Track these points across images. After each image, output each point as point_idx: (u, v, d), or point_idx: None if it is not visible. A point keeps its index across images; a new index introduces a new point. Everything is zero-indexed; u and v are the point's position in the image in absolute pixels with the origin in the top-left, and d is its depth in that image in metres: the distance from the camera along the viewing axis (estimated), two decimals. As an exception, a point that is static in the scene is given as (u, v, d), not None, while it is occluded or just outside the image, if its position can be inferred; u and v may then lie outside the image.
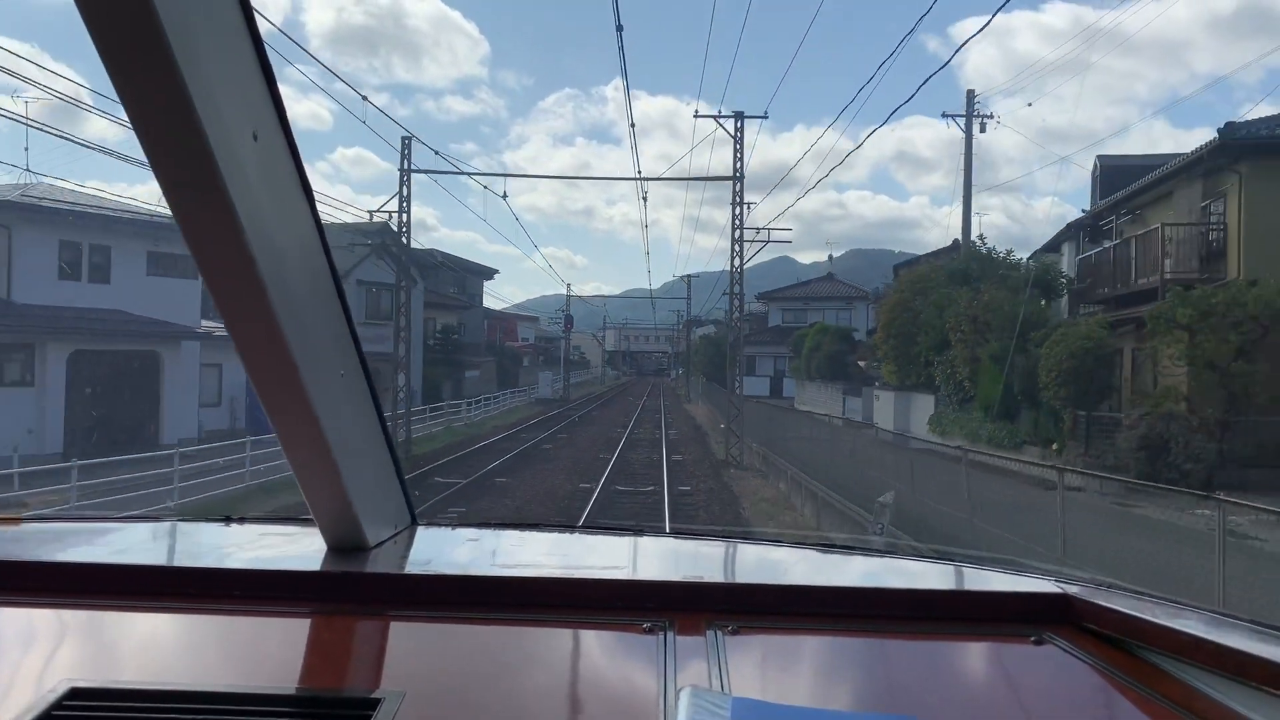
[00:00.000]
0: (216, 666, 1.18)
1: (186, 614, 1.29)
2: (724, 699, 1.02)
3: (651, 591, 1.36)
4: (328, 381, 1.26)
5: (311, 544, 1.48)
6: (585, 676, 1.19)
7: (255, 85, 1.07)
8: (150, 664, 1.18)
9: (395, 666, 1.17)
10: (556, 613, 1.30)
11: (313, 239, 1.23)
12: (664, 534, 2.00)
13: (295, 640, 1.26)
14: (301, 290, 1.18)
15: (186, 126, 0.93)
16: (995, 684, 1.22)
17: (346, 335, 1.34)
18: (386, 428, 1.52)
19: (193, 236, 1.04)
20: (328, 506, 1.40)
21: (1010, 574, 1.52)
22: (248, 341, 1.15)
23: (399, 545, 1.55)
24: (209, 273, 1.08)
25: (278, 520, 1.74)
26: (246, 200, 1.02)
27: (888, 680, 1.22)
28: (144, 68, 0.90)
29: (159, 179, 1.00)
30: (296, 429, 1.25)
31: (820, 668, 1.26)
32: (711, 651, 1.19)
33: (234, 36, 1.03)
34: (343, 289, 1.32)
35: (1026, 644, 1.26)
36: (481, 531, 1.75)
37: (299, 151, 1.17)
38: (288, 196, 1.17)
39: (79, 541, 1.67)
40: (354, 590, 1.35)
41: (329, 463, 1.29)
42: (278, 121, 1.11)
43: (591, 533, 2.05)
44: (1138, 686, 1.12)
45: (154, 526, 1.81)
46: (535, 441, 27.38)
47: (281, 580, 1.38)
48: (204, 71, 0.93)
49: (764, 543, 1.88)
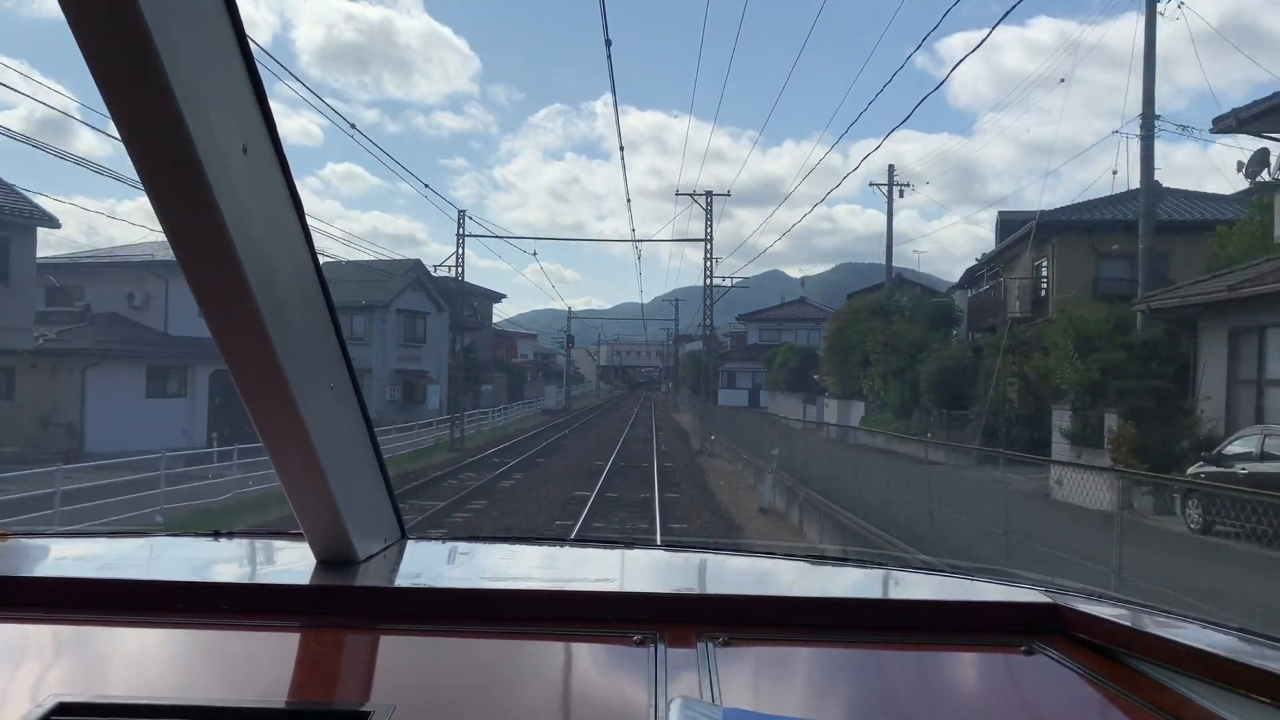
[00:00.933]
0: (205, 681, 1.17)
1: (175, 628, 1.28)
2: (715, 710, 1.00)
3: (642, 603, 1.35)
4: (317, 395, 1.25)
5: (301, 557, 1.48)
6: (575, 689, 1.17)
7: (245, 99, 1.07)
8: (138, 678, 1.16)
9: (385, 680, 1.16)
10: (546, 625, 1.30)
11: (302, 252, 1.22)
12: (654, 546, 2.04)
13: (284, 654, 1.25)
14: (291, 303, 1.17)
15: (177, 140, 0.93)
16: (986, 694, 1.21)
17: (336, 348, 1.34)
18: (376, 441, 1.51)
19: (182, 249, 1.04)
20: (317, 519, 1.40)
21: (1000, 584, 1.52)
22: (236, 353, 1.15)
23: (388, 559, 1.55)
24: (198, 285, 1.08)
25: (267, 534, 1.76)
26: (236, 213, 1.02)
27: (879, 691, 1.22)
28: (134, 81, 0.90)
29: (149, 192, 0.99)
30: (285, 442, 1.25)
31: (812, 679, 1.26)
32: (703, 663, 1.18)
33: (224, 50, 1.02)
34: (332, 302, 1.31)
35: (1017, 654, 1.25)
36: (471, 545, 1.78)
37: (289, 165, 1.17)
38: (278, 210, 1.16)
39: (66, 557, 1.65)
40: (343, 604, 1.34)
41: (318, 476, 1.28)
42: (268, 135, 1.11)
43: (582, 545, 2.07)
44: (1128, 696, 1.12)
45: (142, 541, 1.80)
46: (556, 439, 35.21)
47: (270, 594, 1.37)
48: (194, 85, 0.93)
49: (755, 554, 1.89)
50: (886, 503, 12.83)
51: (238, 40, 1.04)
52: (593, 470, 24.24)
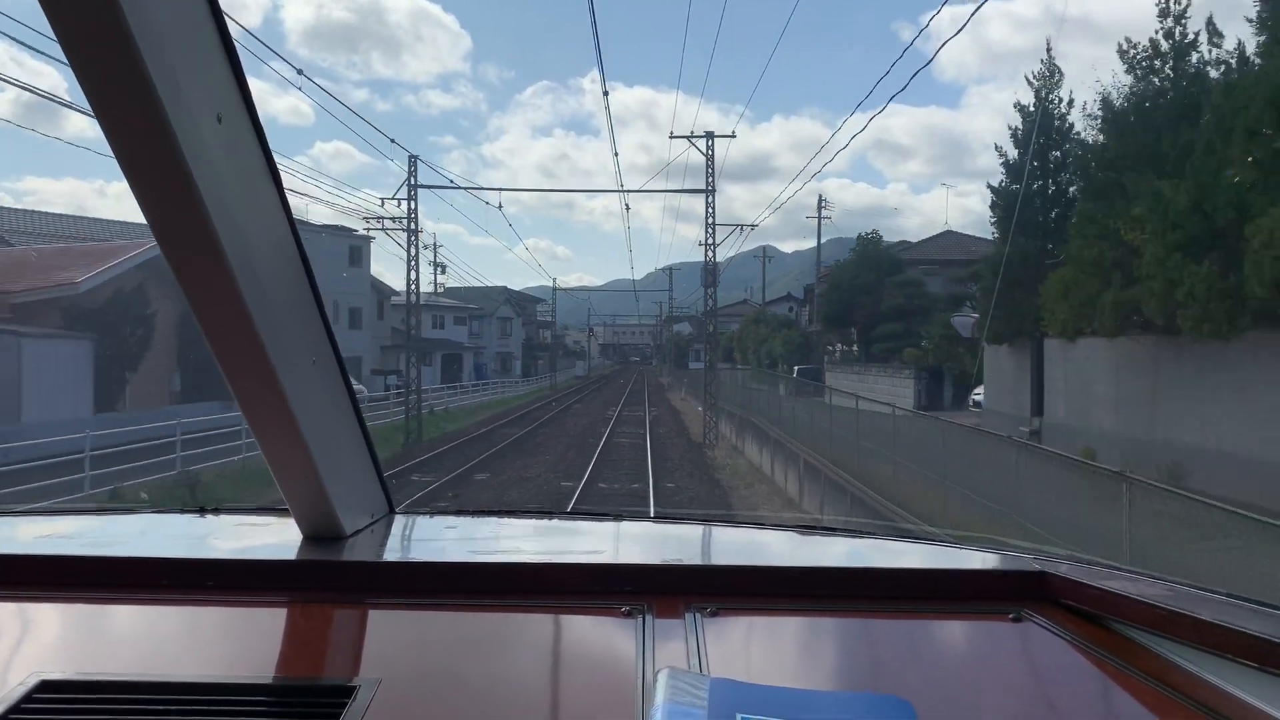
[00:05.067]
0: (192, 657, 1.16)
1: (161, 605, 1.27)
2: (702, 679, 1.00)
3: (630, 575, 1.35)
4: (299, 369, 1.24)
5: (287, 533, 1.47)
6: (563, 660, 1.17)
7: (219, 69, 1.05)
8: (124, 656, 1.15)
9: (372, 654, 1.16)
10: (534, 598, 1.29)
11: (281, 224, 1.20)
12: (646, 518, 2.03)
13: (272, 630, 1.24)
14: (270, 276, 1.15)
15: (147, 108, 0.91)
16: (975, 661, 1.22)
17: (318, 322, 1.31)
18: (361, 415, 1.48)
19: (157, 220, 1.02)
20: (302, 495, 1.39)
21: (989, 552, 1.53)
22: (215, 327, 1.12)
23: (376, 534, 1.54)
24: (173, 256, 1.05)
25: (253, 510, 1.74)
26: (211, 183, 1.00)
27: (868, 659, 1.22)
28: (102, 49, 0.88)
29: (121, 162, 0.97)
30: (268, 417, 1.24)
31: (800, 648, 1.26)
32: (690, 633, 1.19)
33: (197, 20, 1.01)
34: (313, 274, 1.28)
35: (1005, 621, 1.26)
36: (460, 519, 1.77)
37: (266, 136, 1.14)
38: (254, 181, 1.14)
39: (50, 534, 1.64)
40: (330, 579, 1.34)
41: (302, 451, 1.27)
42: (243, 105, 1.09)
43: (572, 519, 2.06)
44: (1114, 661, 1.13)
45: (127, 518, 1.78)
46: (596, 387, 67.09)
47: (257, 570, 1.36)
48: (165, 54, 0.92)
49: (745, 525, 1.88)
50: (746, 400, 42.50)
51: (211, 11, 1.03)
52: (620, 389, 56.38)
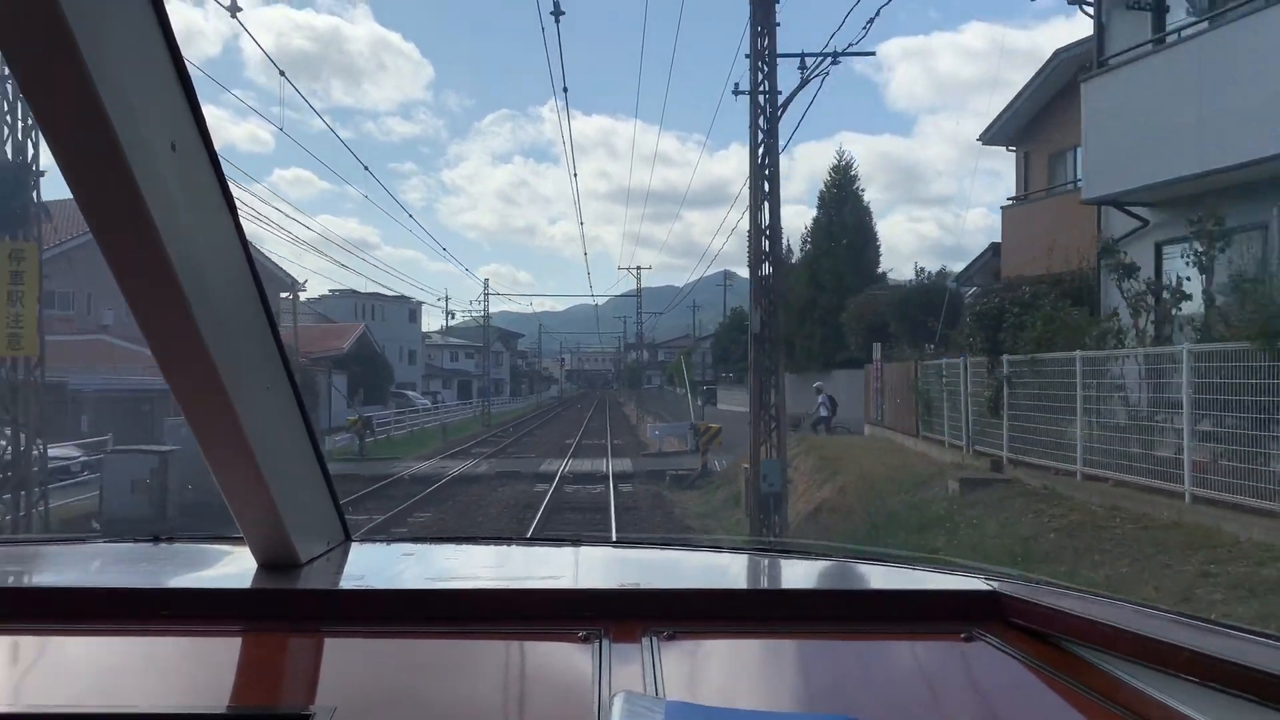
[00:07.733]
0: (145, 688, 1.15)
1: (114, 635, 1.26)
2: (658, 703, 1.01)
3: (587, 600, 1.35)
4: (253, 395, 1.24)
5: (242, 562, 1.46)
6: (519, 687, 1.18)
7: (173, 97, 1.06)
8: (74, 687, 1.13)
9: (328, 682, 1.16)
10: (491, 624, 1.30)
11: (235, 252, 1.20)
12: (605, 543, 2.03)
13: (226, 659, 1.23)
14: (224, 302, 1.15)
15: (100, 135, 0.91)
16: (928, 681, 1.23)
17: (273, 348, 1.32)
18: (317, 442, 1.49)
19: (109, 247, 1.02)
20: (257, 523, 1.38)
21: (942, 573, 1.56)
22: (168, 353, 1.12)
23: (332, 561, 1.54)
24: (126, 284, 1.05)
25: (208, 539, 1.73)
26: (165, 211, 1.00)
27: (823, 680, 1.23)
28: (55, 74, 0.88)
29: (73, 190, 0.98)
30: (222, 443, 1.23)
31: (756, 670, 1.28)
32: (647, 657, 1.19)
33: (149, 49, 1.02)
34: (268, 301, 1.29)
35: (957, 641, 1.27)
36: (417, 546, 1.78)
37: (220, 164, 1.15)
38: (208, 208, 1.15)
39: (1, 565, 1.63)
40: (285, 607, 1.33)
41: (256, 478, 1.27)
42: (198, 133, 1.10)
43: (531, 544, 2.06)
44: (1064, 678, 1.15)
45: (79, 548, 1.77)
46: (568, 405, 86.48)
47: (211, 598, 1.35)
48: (118, 82, 0.92)
49: (704, 549, 1.91)
50: (654, 402, 61.75)
51: (165, 41, 1.03)
52: (589, 404, 76.70)
